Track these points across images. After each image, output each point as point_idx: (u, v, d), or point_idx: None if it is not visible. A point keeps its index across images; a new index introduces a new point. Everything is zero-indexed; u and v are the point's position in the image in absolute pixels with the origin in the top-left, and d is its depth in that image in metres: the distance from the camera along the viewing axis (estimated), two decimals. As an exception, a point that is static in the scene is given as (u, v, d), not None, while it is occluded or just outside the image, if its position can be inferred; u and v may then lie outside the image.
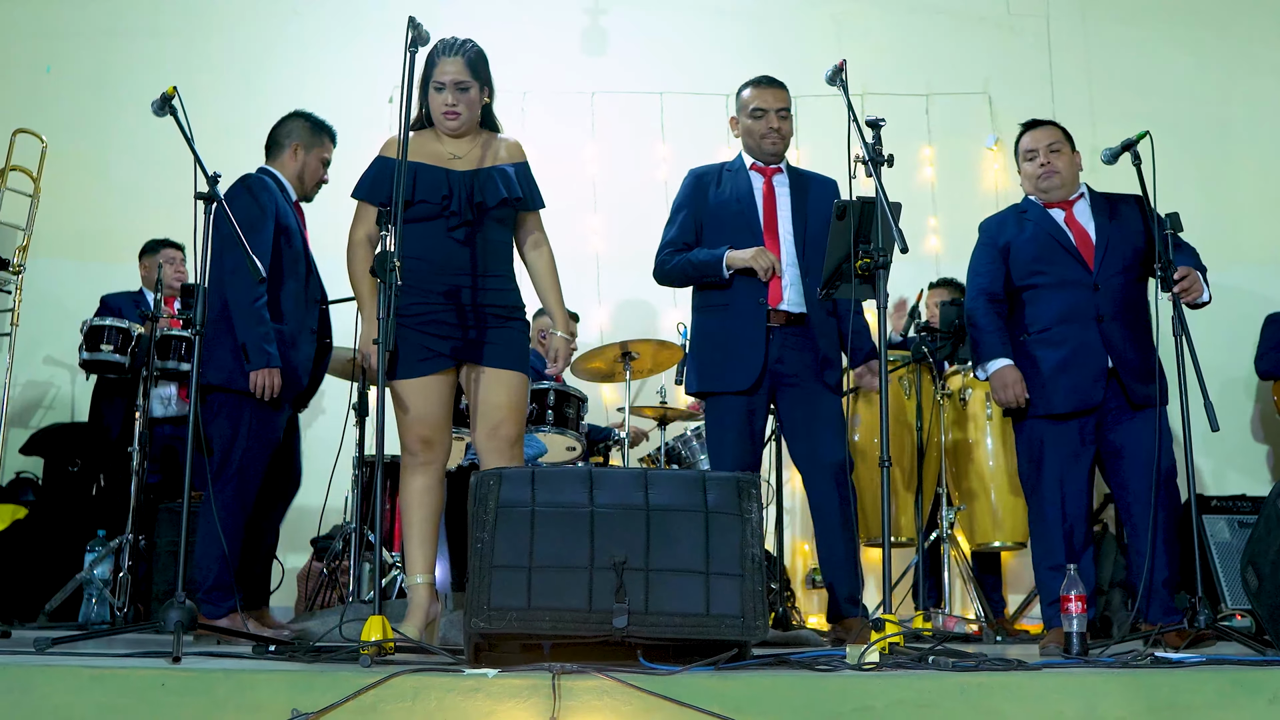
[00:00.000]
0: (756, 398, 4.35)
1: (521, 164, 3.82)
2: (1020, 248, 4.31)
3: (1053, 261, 4.24)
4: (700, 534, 2.87)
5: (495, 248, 3.73)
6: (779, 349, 4.34)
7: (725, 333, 4.38)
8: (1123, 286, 4.18)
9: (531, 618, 2.76)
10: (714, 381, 4.41)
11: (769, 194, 4.47)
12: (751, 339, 4.33)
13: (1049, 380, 4.18)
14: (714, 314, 4.43)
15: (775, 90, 4.52)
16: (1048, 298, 4.23)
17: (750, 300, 4.35)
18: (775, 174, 4.52)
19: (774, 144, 4.48)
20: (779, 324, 4.35)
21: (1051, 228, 4.29)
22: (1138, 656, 3.10)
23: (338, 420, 5.52)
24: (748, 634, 2.80)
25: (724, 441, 4.38)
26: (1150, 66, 7.11)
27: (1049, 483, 4.15)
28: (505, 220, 3.76)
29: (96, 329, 5.26)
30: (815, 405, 4.33)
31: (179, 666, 2.69)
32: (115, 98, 6.81)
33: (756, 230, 4.40)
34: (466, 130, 3.79)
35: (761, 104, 4.49)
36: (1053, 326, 4.21)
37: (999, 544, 5.47)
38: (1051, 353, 4.19)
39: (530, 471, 2.97)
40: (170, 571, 5.17)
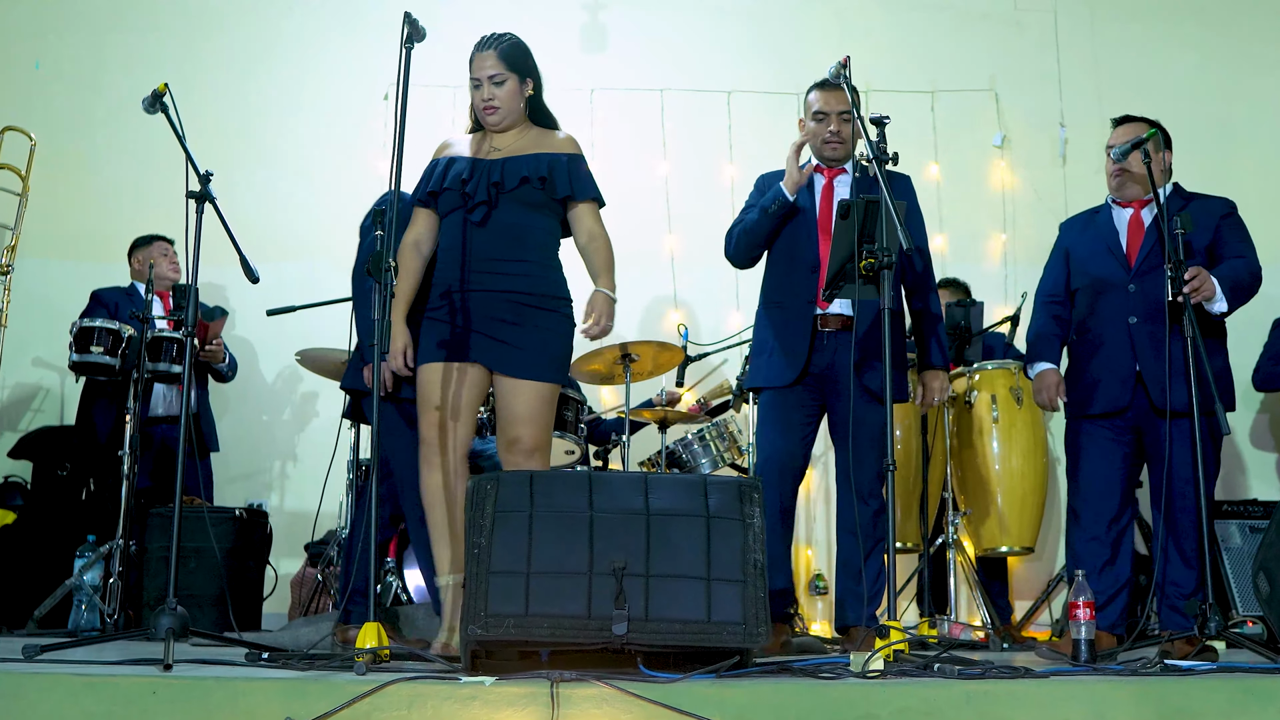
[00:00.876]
0: (799, 394, 4.35)
1: (573, 155, 3.79)
2: (1077, 249, 4.42)
3: (1097, 263, 4.34)
4: (701, 539, 2.87)
5: (519, 232, 3.67)
6: (830, 354, 4.33)
7: (775, 329, 4.43)
8: (1163, 288, 4.11)
9: (529, 624, 2.76)
10: (756, 376, 4.49)
11: (826, 194, 4.46)
12: (797, 335, 4.34)
13: (1088, 383, 4.30)
14: (769, 311, 4.48)
15: (838, 92, 4.46)
16: (1089, 299, 4.34)
17: (800, 299, 4.37)
18: (838, 175, 4.50)
19: (834, 149, 4.45)
20: (832, 329, 4.34)
21: (1106, 229, 4.36)
22: (1147, 664, 3.10)
23: (332, 424, 5.52)
24: (749, 641, 2.79)
25: (762, 438, 4.43)
26: (1156, 64, 7.12)
27: (1085, 482, 4.28)
28: (534, 204, 3.71)
29: (86, 330, 5.26)
30: (858, 415, 4.25)
31: (170, 674, 2.69)
32: (106, 95, 6.81)
33: (812, 228, 4.40)
34: (511, 123, 3.79)
35: (824, 107, 4.46)
36: (1092, 328, 4.32)
37: (1005, 549, 5.46)
38: (1088, 355, 4.33)
39: (528, 475, 2.97)
40: (161, 578, 5.16)
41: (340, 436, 5.34)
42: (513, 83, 3.75)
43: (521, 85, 3.78)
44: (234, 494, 6.37)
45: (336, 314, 4.78)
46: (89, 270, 6.34)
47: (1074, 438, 4.37)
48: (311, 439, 6.69)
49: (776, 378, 4.38)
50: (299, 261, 6.50)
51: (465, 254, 3.63)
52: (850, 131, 4.47)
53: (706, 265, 6.65)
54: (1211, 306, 4.09)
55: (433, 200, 3.75)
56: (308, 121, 6.87)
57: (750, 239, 4.45)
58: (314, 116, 6.86)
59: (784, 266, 4.44)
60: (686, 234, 6.86)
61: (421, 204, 3.78)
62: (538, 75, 3.84)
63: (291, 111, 6.92)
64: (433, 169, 3.78)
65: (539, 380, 3.63)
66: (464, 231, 3.65)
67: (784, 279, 4.43)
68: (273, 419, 6.84)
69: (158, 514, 5.34)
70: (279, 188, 6.77)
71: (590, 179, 3.82)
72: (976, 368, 5.52)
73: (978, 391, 5.51)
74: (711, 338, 6.32)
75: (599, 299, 3.71)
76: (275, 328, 5.84)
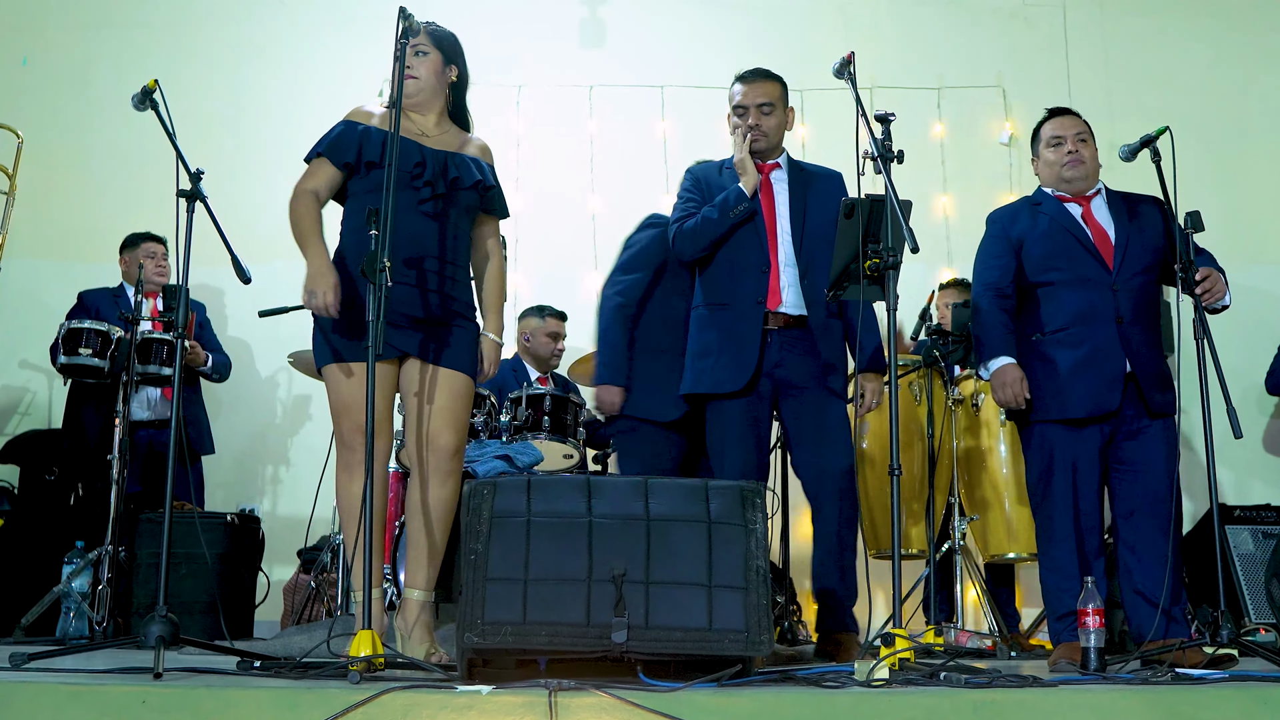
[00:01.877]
0: (756, 402, 4.31)
1: (491, 166, 3.84)
2: (1035, 242, 4.26)
3: (1070, 258, 4.20)
4: (703, 545, 2.87)
5: (460, 235, 3.70)
6: (779, 353, 4.30)
7: (720, 331, 4.35)
8: (1141, 288, 4.15)
9: (527, 632, 2.76)
10: (702, 381, 4.37)
11: (766, 193, 4.43)
12: (746, 336, 4.29)
13: (1065, 383, 4.13)
14: (711, 312, 4.40)
15: (756, 84, 4.44)
16: (1064, 296, 4.19)
17: (748, 299, 4.32)
18: (772, 170, 4.47)
19: (756, 140, 4.41)
20: (778, 326, 4.31)
21: (1069, 223, 4.25)
22: (1158, 673, 3.10)
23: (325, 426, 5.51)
24: (752, 649, 2.79)
25: (725, 448, 4.33)
26: (1168, 60, 7.12)
27: (1060, 492, 4.11)
28: (472, 210, 3.76)
29: (74, 332, 5.26)
30: (819, 412, 4.30)
31: (160, 683, 2.69)
32: (95, 92, 6.82)
33: (759, 227, 4.36)
34: (427, 104, 3.78)
35: (742, 99, 4.44)
36: (1070, 326, 4.16)
37: (1014, 555, 5.45)
38: (1068, 354, 4.14)
39: (526, 480, 2.97)
40: (151, 584, 5.16)
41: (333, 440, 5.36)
42: (435, 59, 3.76)
43: (445, 68, 3.79)
44: (225, 499, 6.37)
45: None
46: (78, 270, 6.35)
47: (1041, 443, 4.18)
48: (304, 443, 6.69)
49: (727, 382, 4.30)
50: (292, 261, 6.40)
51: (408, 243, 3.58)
52: (774, 123, 4.43)
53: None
54: (1221, 303, 4.09)
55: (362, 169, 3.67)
56: (301, 118, 6.84)
57: (706, 238, 4.36)
58: (307, 113, 6.81)
59: (728, 267, 4.38)
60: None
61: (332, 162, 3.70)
62: (464, 69, 3.85)
63: (284, 108, 6.92)
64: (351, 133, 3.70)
65: (469, 374, 3.66)
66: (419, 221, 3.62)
67: (729, 279, 4.37)
68: (265, 422, 6.84)
69: (148, 519, 5.34)
70: (271, 186, 6.70)
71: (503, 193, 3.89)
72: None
73: (985, 395, 5.50)
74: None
75: (488, 345, 3.75)
76: (267, 329, 5.83)
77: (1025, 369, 4.20)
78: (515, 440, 5.16)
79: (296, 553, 5.78)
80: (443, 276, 3.63)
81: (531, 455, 5.16)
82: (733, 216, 4.32)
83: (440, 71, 3.78)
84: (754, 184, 4.33)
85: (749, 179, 4.32)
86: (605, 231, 6.88)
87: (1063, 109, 4.42)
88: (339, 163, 3.70)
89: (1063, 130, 4.32)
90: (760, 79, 4.46)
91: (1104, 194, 4.33)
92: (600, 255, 6.86)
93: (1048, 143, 4.35)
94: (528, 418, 5.29)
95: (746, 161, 4.34)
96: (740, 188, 4.32)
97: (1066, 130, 4.32)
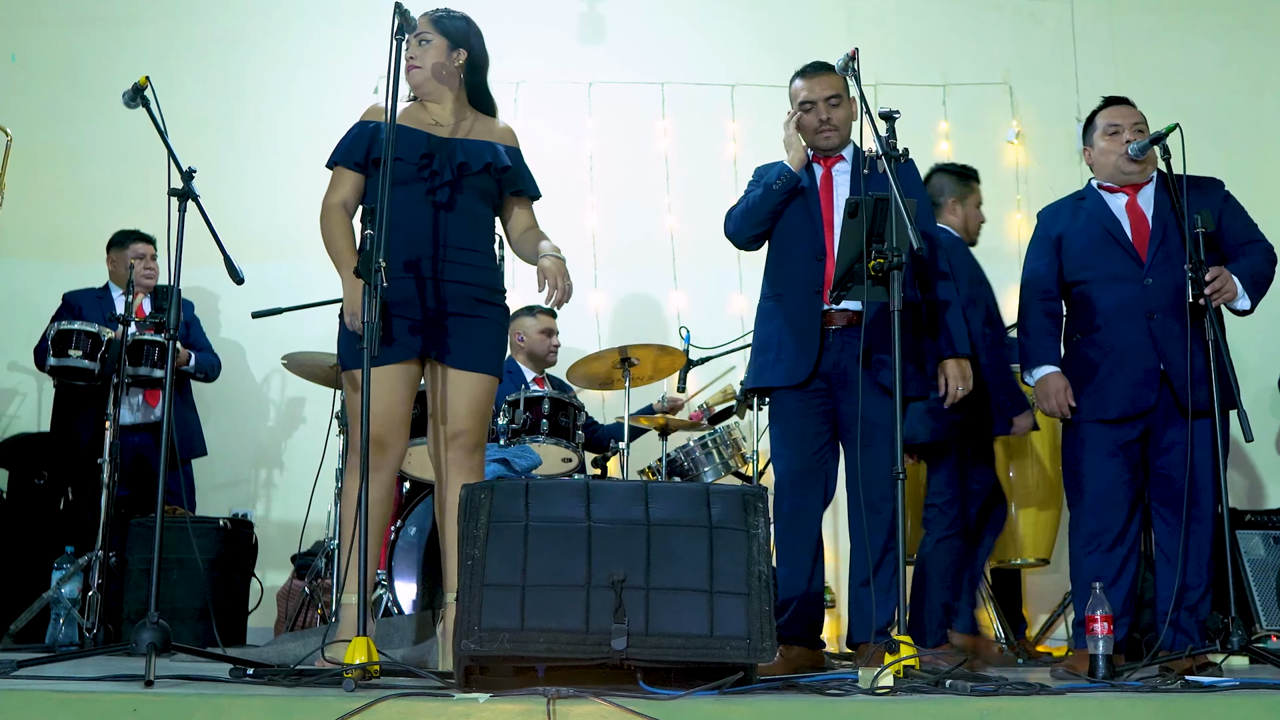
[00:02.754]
0: (811, 399, 4.28)
1: (514, 148, 3.84)
2: (1072, 239, 4.27)
3: (1103, 255, 4.20)
4: (704, 550, 2.87)
5: (477, 220, 3.71)
6: (838, 353, 4.25)
7: (780, 322, 4.34)
8: (1181, 281, 4.05)
9: (525, 639, 2.76)
10: (763, 376, 4.37)
11: (826, 184, 4.42)
12: (806, 328, 4.26)
13: (1100, 383, 4.14)
14: (772, 303, 4.40)
15: (821, 77, 4.40)
16: (1097, 294, 4.19)
17: (805, 289, 4.29)
18: (836, 163, 4.44)
19: (827, 138, 4.39)
20: (840, 325, 4.26)
21: (1105, 217, 4.23)
22: (1167, 680, 3.10)
23: (320, 429, 5.52)
24: (754, 656, 2.80)
25: (776, 446, 4.35)
26: (1178, 56, 7.11)
27: (1091, 493, 4.13)
28: (490, 195, 3.77)
29: (64, 333, 5.26)
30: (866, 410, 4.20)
31: (151, 691, 2.69)
32: (84, 89, 6.82)
33: (815, 217, 4.36)
34: (434, 91, 3.79)
35: (809, 94, 4.39)
36: (1102, 326, 4.17)
37: (1019, 561, 5.46)
38: (1101, 354, 4.16)
39: (524, 484, 2.97)
40: (142, 590, 5.16)
41: (329, 443, 5.37)
42: (440, 45, 3.76)
43: (451, 53, 3.78)
44: (218, 503, 6.37)
45: (324, 316, 4.78)
46: (67, 271, 6.34)
47: (1078, 445, 4.21)
48: (298, 446, 6.69)
49: (786, 376, 4.28)
50: (285, 261, 6.49)
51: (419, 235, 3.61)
52: (843, 115, 4.41)
53: (710, 268, 6.66)
54: (1234, 305, 4.07)
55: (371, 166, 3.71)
56: (294, 116, 6.87)
57: (754, 216, 4.37)
58: (301, 110, 6.86)
59: (786, 256, 4.37)
60: (689, 234, 6.85)
61: (348, 167, 3.74)
62: (476, 53, 3.83)
63: (278, 105, 6.93)
64: (363, 133, 3.74)
65: (486, 373, 3.68)
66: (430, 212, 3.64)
67: (787, 269, 4.36)
68: (258, 425, 6.84)
69: (139, 524, 5.34)
70: (265, 185, 6.78)
71: (532, 175, 3.89)
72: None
73: (992, 397, 5.50)
74: (715, 340, 6.32)
75: (549, 263, 3.68)
76: (261, 330, 5.84)
77: (1067, 372, 4.23)
78: (513, 443, 5.16)
79: (290, 558, 5.78)
80: (460, 265, 3.65)
81: (529, 459, 5.16)
82: (776, 189, 4.30)
83: (446, 58, 3.78)
84: (799, 159, 4.31)
85: (794, 154, 4.31)
86: (604, 231, 6.89)
87: (1120, 98, 4.40)
88: (353, 164, 3.73)
89: (1121, 119, 4.31)
90: (824, 71, 4.41)
91: (1155, 181, 4.29)
92: (599, 255, 6.87)
93: (1104, 131, 4.33)
94: (526, 420, 5.29)
95: (793, 138, 4.32)
96: (784, 163, 4.32)
97: (1124, 119, 4.31)
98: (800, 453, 4.28)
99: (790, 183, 4.30)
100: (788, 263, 4.36)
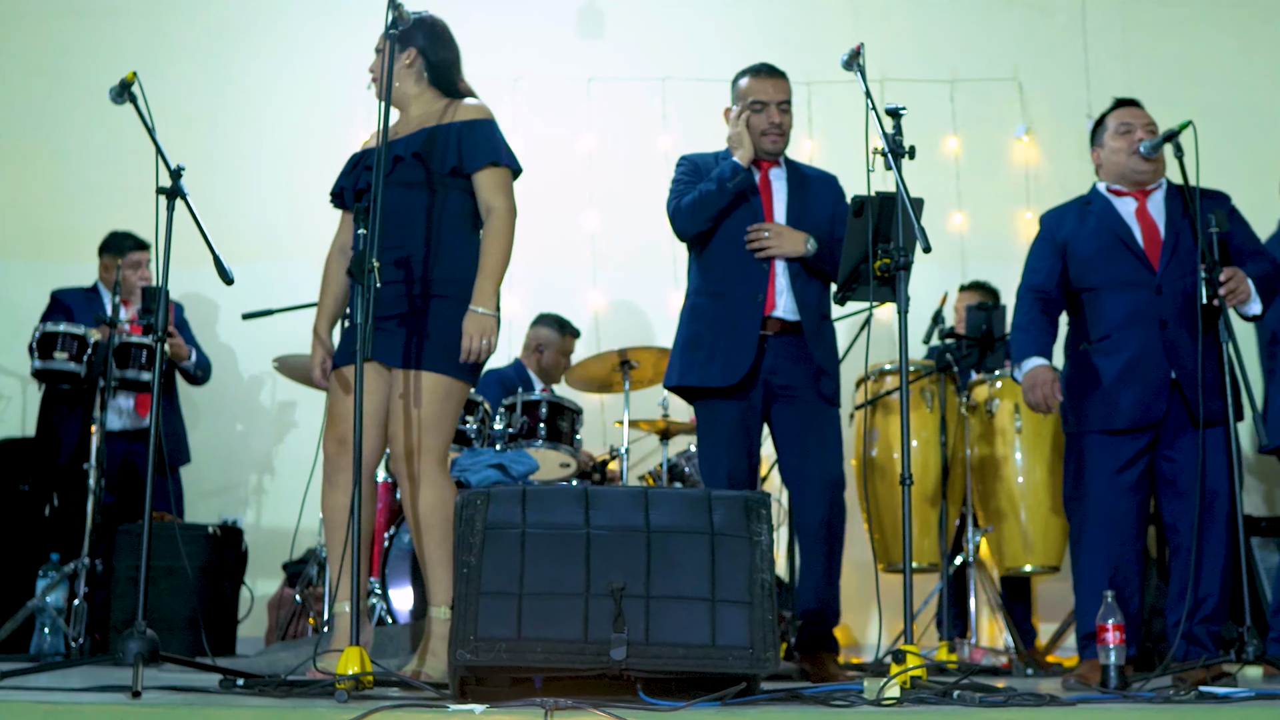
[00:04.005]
0: (748, 407, 4.32)
1: (468, 122, 3.72)
2: (1079, 244, 4.26)
3: (1112, 260, 4.20)
4: (705, 558, 2.88)
5: (402, 217, 3.62)
6: (774, 359, 4.31)
7: (715, 322, 4.34)
8: (1193, 288, 4.06)
9: (522, 649, 2.77)
10: (690, 374, 4.35)
11: (765, 188, 4.45)
12: (744, 330, 4.28)
13: (1109, 392, 4.13)
14: (706, 301, 4.39)
15: (777, 80, 4.46)
16: (1107, 301, 4.20)
17: (746, 293, 4.32)
18: (772, 167, 4.49)
19: (775, 142, 4.43)
20: (774, 332, 4.32)
21: (1115, 222, 4.24)
22: (1181, 691, 3.10)
23: (311, 434, 5.52)
24: (757, 667, 2.80)
25: (716, 453, 4.35)
26: (1193, 50, 7.11)
27: (1093, 503, 4.13)
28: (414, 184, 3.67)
29: (50, 336, 5.26)
30: (809, 418, 4.30)
31: (139, 702, 2.69)
32: (70, 84, 6.82)
33: (759, 218, 4.38)
34: (401, 98, 3.80)
35: (762, 96, 4.43)
36: (1112, 333, 4.17)
37: (1030, 568, 5.46)
38: (1111, 362, 4.16)
39: (521, 490, 2.97)
40: (130, 599, 5.16)
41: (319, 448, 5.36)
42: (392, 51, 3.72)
43: (399, 54, 3.77)
44: (207, 510, 6.37)
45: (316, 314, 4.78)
46: (52, 271, 6.34)
47: (1079, 453, 4.22)
48: (290, 451, 6.69)
49: (718, 376, 4.29)
50: (277, 262, 6.50)
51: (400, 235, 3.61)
52: (789, 122, 4.46)
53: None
54: (1245, 309, 4.07)
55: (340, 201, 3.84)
56: (286, 112, 6.88)
57: (704, 212, 4.35)
58: (293, 107, 6.86)
59: (726, 255, 4.37)
60: (690, 233, 6.84)
61: (337, 207, 3.89)
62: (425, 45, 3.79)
63: (269, 102, 6.93)
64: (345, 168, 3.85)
65: (438, 372, 3.58)
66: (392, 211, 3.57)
67: (726, 268, 4.36)
68: (248, 430, 6.84)
69: (126, 531, 5.34)
70: (256, 183, 6.78)
71: (486, 143, 3.70)
72: (999, 375, 5.52)
73: (1000, 400, 5.51)
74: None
75: (468, 320, 3.57)
76: (251, 332, 5.84)
77: (1073, 380, 4.24)
78: (510, 448, 5.17)
79: (281, 566, 5.79)
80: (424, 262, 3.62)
81: (527, 464, 5.16)
82: (731, 187, 4.32)
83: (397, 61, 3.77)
84: (748, 157, 4.35)
85: (744, 152, 4.34)
86: (602, 230, 6.89)
87: (1131, 100, 4.41)
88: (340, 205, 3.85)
89: (1133, 118, 4.32)
90: (780, 76, 4.48)
91: (1165, 189, 4.31)
92: (597, 255, 6.87)
93: (1115, 131, 4.33)
94: (523, 425, 5.29)
95: (743, 135, 4.36)
96: (736, 161, 4.34)
97: (1136, 119, 4.31)
98: (736, 464, 4.32)
99: (745, 181, 4.34)
100: (729, 263, 4.37)
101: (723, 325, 4.32)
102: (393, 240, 3.57)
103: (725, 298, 4.35)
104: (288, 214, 6.66)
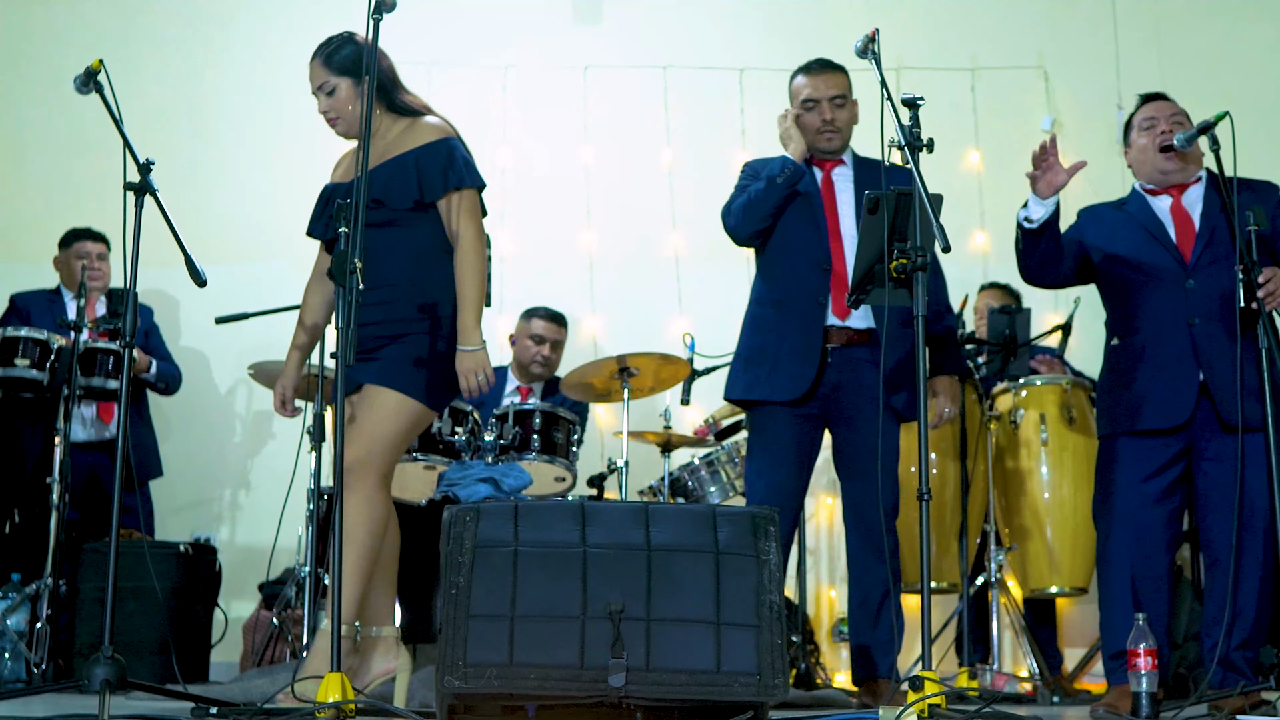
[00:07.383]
0: (805, 423, 4.34)
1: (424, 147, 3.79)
2: (1108, 242, 4.27)
3: (1141, 257, 4.21)
4: (710, 578, 2.88)
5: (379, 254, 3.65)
6: (838, 373, 4.32)
7: (777, 333, 4.38)
8: (1230, 287, 4.03)
9: (514, 675, 2.76)
10: (753, 388, 4.41)
11: (827, 189, 4.46)
12: (807, 341, 4.32)
13: (1137, 393, 4.15)
14: (767, 310, 4.45)
15: (827, 75, 4.48)
16: (1135, 299, 4.21)
17: (808, 299, 4.35)
18: (836, 166, 4.52)
19: (829, 140, 4.46)
20: (841, 343, 4.34)
21: (1147, 218, 4.25)
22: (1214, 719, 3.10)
23: (289, 446, 5.52)
24: (764, 694, 2.80)
25: (760, 464, 4.39)
26: (1227, 38, 7.11)
27: (1120, 513, 4.13)
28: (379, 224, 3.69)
29: (10, 341, 5.25)
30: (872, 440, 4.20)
31: (105, 732, 2.69)
32: (32, 73, 6.83)
33: (821, 226, 4.40)
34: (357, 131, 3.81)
35: (813, 92, 4.46)
36: (1139, 331, 4.19)
37: (1056, 590, 5.46)
38: (1137, 361, 4.18)
39: (513, 506, 2.97)
40: (96, 622, 5.16)
41: (299, 461, 5.36)
42: (346, 87, 3.82)
43: (358, 87, 3.80)
44: (178, 526, 6.37)
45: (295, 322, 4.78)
46: (14, 271, 6.35)
47: (1107, 459, 4.24)
48: (266, 464, 6.69)
49: (781, 391, 4.33)
50: (253, 262, 6.51)
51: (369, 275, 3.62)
52: (846, 117, 4.48)
53: (715, 267, 6.65)
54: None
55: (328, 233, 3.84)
56: (263, 103, 6.88)
57: (756, 211, 4.40)
58: (270, 97, 6.86)
59: (787, 262, 4.42)
60: (693, 231, 6.84)
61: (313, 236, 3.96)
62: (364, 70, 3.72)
63: (245, 92, 6.93)
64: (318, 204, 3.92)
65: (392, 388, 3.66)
66: None
67: (787, 275, 4.40)
68: (223, 441, 6.84)
69: (91, 549, 5.34)
70: (230, 178, 6.79)
71: (444, 167, 3.77)
72: (1024, 383, 5.52)
73: (1025, 410, 5.51)
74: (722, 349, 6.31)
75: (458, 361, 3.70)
76: (225, 337, 5.85)
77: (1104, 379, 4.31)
78: (501, 461, 5.17)
79: (257, 586, 5.78)
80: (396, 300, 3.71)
81: (519, 478, 5.17)
82: (780, 183, 4.34)
83: (354, 95, 3.82)
84: (800, 151, 4.37)
85: (795, 146, 4.37)
86: (599, 227, 6.89)
87: (1158, 94, 4.41)
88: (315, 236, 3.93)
89: (1156, 112, 4.32)
90: (831, 69, 4.50)
91: (1204, 182, 4.31)
92: (595, 254, 6.87)
93: (1139, 127, 4.34)
94: (515, 436, 5.29)
95: (791, 130, 4.39)
96: (786, 155, 4.36)
97: (1160, 112, 4.32)
98: (784, 479, 4.34)
99: (795, 175, 4.35)
100: (790, 270, 4.41)
101: (786, 336, 4.36)
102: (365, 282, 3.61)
103: (788, 305, 4.40)
104: (265, 212, 6.67)
